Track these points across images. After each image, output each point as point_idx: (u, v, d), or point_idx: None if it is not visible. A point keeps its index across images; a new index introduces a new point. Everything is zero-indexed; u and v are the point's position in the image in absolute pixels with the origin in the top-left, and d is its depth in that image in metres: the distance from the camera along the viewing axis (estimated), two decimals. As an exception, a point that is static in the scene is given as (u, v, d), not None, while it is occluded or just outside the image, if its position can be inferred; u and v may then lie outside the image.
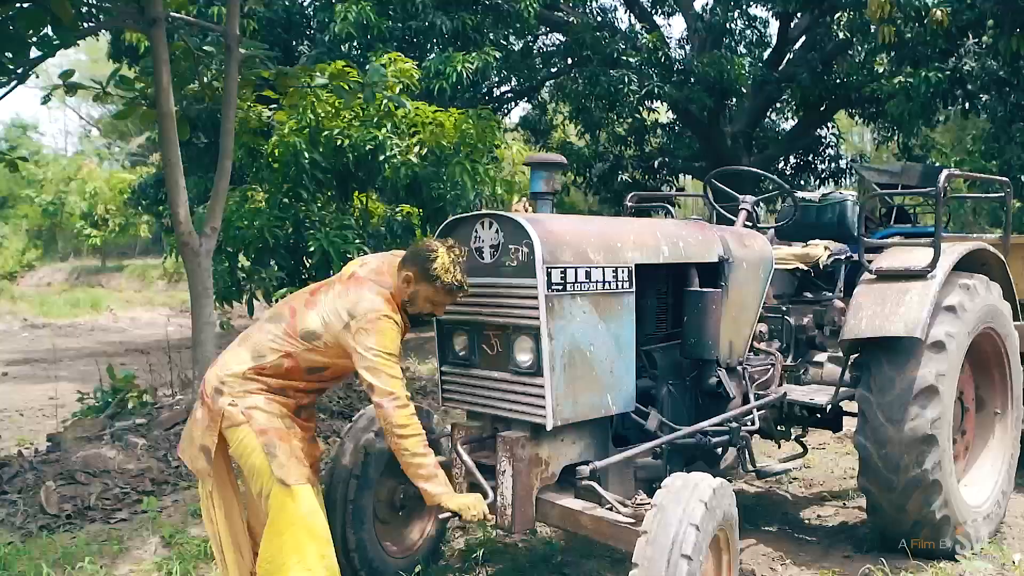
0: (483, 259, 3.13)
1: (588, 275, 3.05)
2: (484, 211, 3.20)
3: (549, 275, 2.91)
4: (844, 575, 3.83)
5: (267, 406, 3.01)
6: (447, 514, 2.96)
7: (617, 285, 3.16)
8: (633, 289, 3.22)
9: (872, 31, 9.87)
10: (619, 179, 18.24)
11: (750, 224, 4.37)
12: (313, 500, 2.98)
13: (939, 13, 8.28)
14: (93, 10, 5.92)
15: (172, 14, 5.73)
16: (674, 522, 2.52)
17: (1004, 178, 4.47)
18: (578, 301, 3.02)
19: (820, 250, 4.54)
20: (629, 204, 5.12)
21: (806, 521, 4.65)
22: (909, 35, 9.13)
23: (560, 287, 2.95)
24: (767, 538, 4.32)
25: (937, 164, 16.75)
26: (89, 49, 27.77)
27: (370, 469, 3.46)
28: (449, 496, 2.93)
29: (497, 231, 3.07)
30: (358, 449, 3.47)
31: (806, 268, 4.55)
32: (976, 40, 9.37)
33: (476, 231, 3.15)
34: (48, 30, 5.31)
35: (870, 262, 4.10)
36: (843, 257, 4.62)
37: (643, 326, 3.46)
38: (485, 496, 3.03)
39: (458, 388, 3.33)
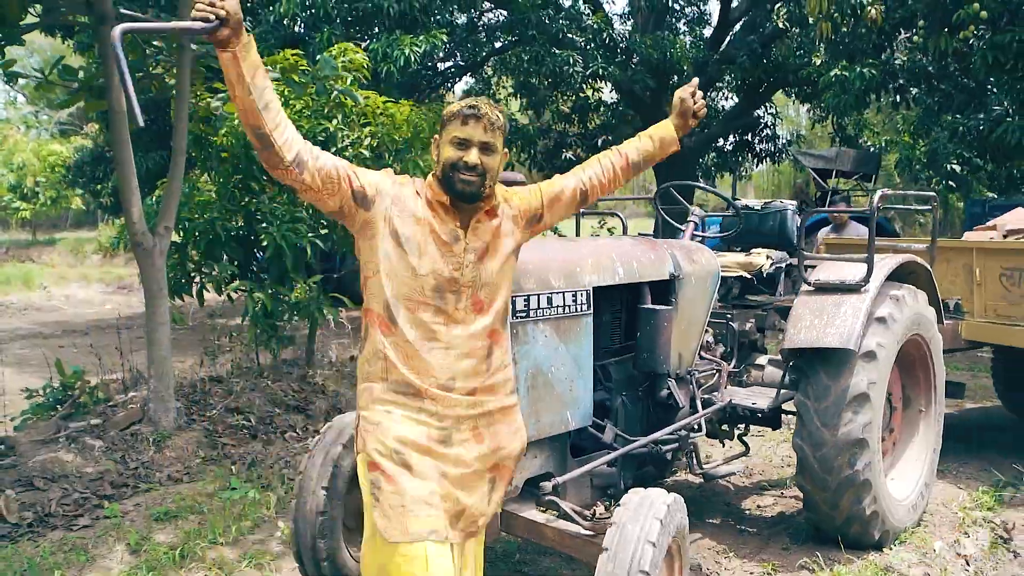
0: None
1: (550, 300, 3.22)
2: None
3: (514, 303, 3.07)
4: (782, 567, 4.12)
5: (384, 411, 2.42)
6: None
7: (576, 308, 3.33)
8: (591, 311, 3.40)
9: (811, 23, 10.17)
10: (563, 156, 18.45)
11: (697, 235, 4.59)
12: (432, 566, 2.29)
13: (873, 11, 8.60)
14: (40, 6, 5.79)
15: (122, 11, 5.64)
16: (632, 539, 2.72)
17: (931, 193, 4.77)
18: (540, 326, 3.18)
19: (762, 259, 4.78)
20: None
21: (747, 512, 4.95)
22: (845, 30, 9.45)
23: (524, 314, 3.11)
24: (711, 531, 4.60)
25: (870, 144, 17.36)
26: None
27: (338, 481, 3.58)
28: None
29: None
30: (327, 462, 3.59)
31: (749, 276, 4.79)
32: (908, 36, 9.75)
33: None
34: (-8, 27, 5.22)
35: (809, 270, 4.37)
36: (783, 265, 4.89)
37: (599, 341, 3.64)
38: None
39: (424, 405, 3.47)
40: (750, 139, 18.93)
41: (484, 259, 2.47)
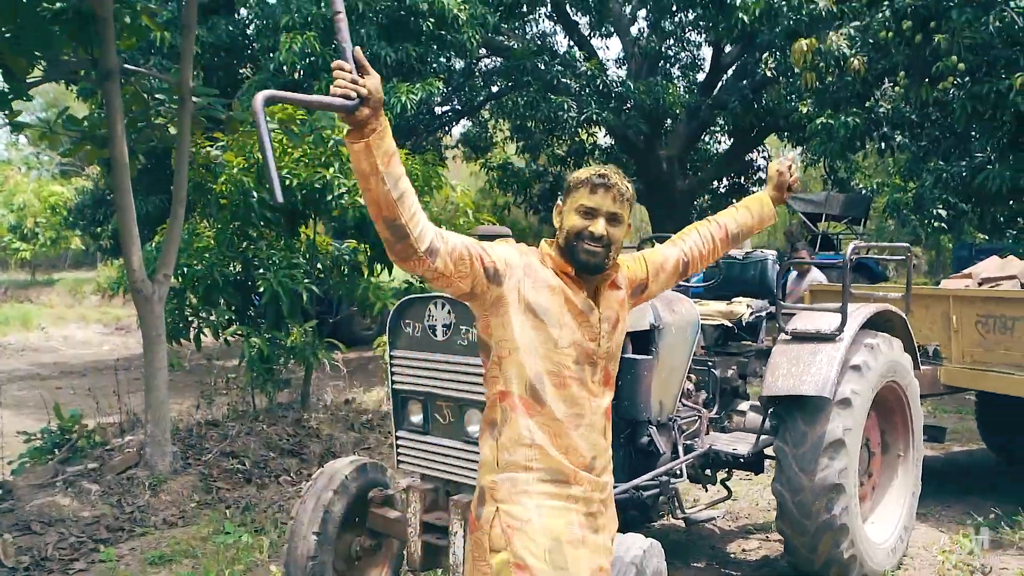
0: (436, 336, 3.41)
1: (532, 351, 3.35)
2: (437, 293, 3.46)
3: (497, 354, 3.20)
4: (763, 610, 4.22)
5: (534, 505, 2.23)
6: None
7: (558, 358, 3.46)
8: (573, 361, 3.53)
9: (796, 72, 10.47)
10: (558, 199, 18.70)
11: (680, 283, 4.73)
12: None
13: (856, 62, 8.90)
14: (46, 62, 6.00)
15: (126, 66, 5.85)
16: (610, 584, 2.83)
17: (905, 244, 4.94)
18: (523, 376, 3.31)
19: (743, 308, 4.93)
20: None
21: (732, 555, 5.03)
22: (830, 79, 9.74)
23: (507, 364, 3.24)
24: (696, 575, 4.68)
25: (862, 187, 17.63)
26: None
27: (329, 526, 3.69)
28: None
29: (449, 312, 3.36)
30: (318, 507, 3.70)
31: (730, 324, 4.94)
32: (891, 84, 10.03)
33: (430, 311, 3.43)
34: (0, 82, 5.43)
35: (786, 318, 4.52)
36: (764, 313, 5.04)
37: (582, 389, 3.77)
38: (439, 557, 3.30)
39: (413, 453, 3.60)
40: (743, 182, 19.24)
41: (614, 330, 2.37)
